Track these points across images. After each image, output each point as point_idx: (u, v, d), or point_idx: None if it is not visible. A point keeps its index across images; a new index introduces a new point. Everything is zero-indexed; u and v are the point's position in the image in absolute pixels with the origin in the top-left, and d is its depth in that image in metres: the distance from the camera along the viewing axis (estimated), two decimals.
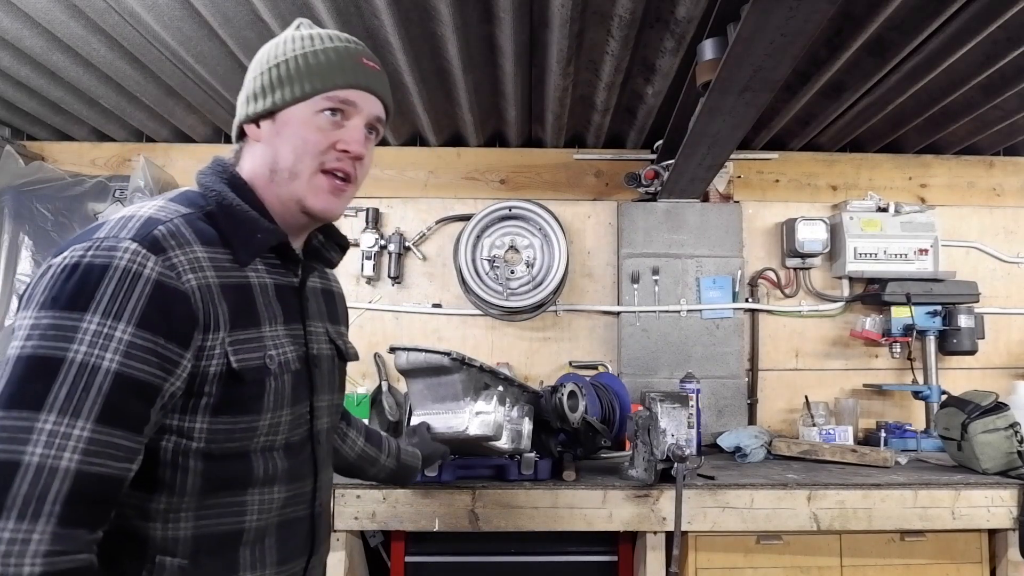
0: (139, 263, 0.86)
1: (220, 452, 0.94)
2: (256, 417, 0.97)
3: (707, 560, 2.10)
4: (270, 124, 1.05)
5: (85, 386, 0.81)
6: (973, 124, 2.81)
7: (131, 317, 0.84)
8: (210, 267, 0.93)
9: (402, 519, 1.99)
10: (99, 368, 0.82)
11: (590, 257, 3.09)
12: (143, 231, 0.89)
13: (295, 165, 1.03)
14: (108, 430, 0.82)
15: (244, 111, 1.08)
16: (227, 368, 0.93)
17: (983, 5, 1.94)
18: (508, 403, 1.88)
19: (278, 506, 1.02)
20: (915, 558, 2.14)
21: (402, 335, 2.99)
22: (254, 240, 1.00)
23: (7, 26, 2.11)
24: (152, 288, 0.86)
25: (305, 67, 1.04)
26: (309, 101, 1.03)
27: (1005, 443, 2.19)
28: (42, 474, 0.77)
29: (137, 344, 0.84)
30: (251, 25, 2.07)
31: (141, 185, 2.65)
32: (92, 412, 0.81)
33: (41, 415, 0.79)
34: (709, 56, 1.92)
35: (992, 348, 3.03)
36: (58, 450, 0.78)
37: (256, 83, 1.07)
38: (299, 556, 1.07)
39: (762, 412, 3.00)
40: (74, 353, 0.81)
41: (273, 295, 1.03)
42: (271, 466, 1.00)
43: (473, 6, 1.98)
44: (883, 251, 2.93)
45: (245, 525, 0.98)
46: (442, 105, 2.70)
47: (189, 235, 0.93)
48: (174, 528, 0.92)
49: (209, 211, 0.99)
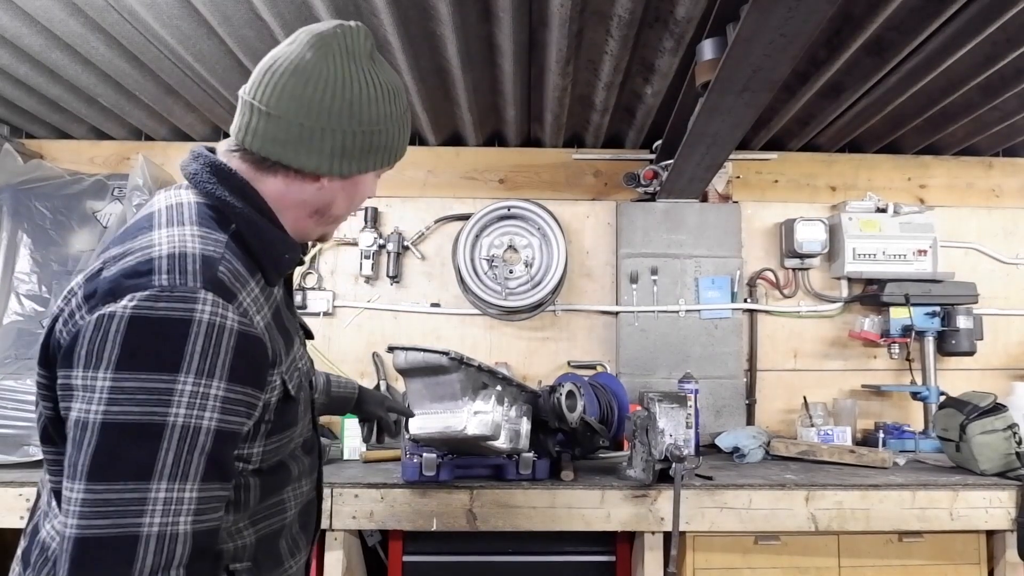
0: (221, 315, 0.84)
1: (268, 466, 0.99)
2: (295, 428, 1.03)
3: (705, 560, 2.10)
4: (339, 179, 1.01)
5: (189, 449, 0.80)
6: (972, 125, 2.81)
7: (223, 373, 0.83)
8: (263, 300, 0.94)
9: (400, 518, 1.99)
10: (200, 429, 0.81)
11: (589, 257, 3.09)
12: (209, 276, 0.85)
13: (345, 214, 1.08)
14: (212, 485, 0.83)
15: (332, 165, 0.98)
16: (284, 394, 0.97)
17: (982, 6, 1.94)
18: (506, 403, 1.88)
19: (304, 496, 1.11)
20: (913, 559, 2.14)
21: (400, 335, 2.99)
22: (283, 261, 1.00)
23: (6, 24, 2.10)
24: (236, 340, 0.85)
25: (396, 137, 1.04)
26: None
27: (1003, 444, 2.19)
28: (164, 544, 0.78)
29: (231, 399, 0.84)
30: (250, 23, 2.07)
31: (140, 184, 2.64)
32: (199, 473, 0.81)
33: (152, 484, 0.78)
34: (708, 56, 1.92)
35: (991, 349, 3.03)
36: (174, 516, 0.79)
37: (351, 139, 0.98)
38: (314, 532, 1.18)
39: (760, 412, 3.00)
40: (174, 417, 0.79)
41: (286, 309, 1.06)
42: (300, 465, 1.08)
43: (472, 5, 1.97)
44: (882, 252, 2.93)
45: (287, 520, 1.06)
46: (441, 104, 2.70)
47: (242, 269, 0.91)
48: (240, 540, 0.97)
49: (236, 231, 0.95)
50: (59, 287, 2.68)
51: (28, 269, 2.69)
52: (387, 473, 2.14)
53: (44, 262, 2.70)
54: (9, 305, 2.65)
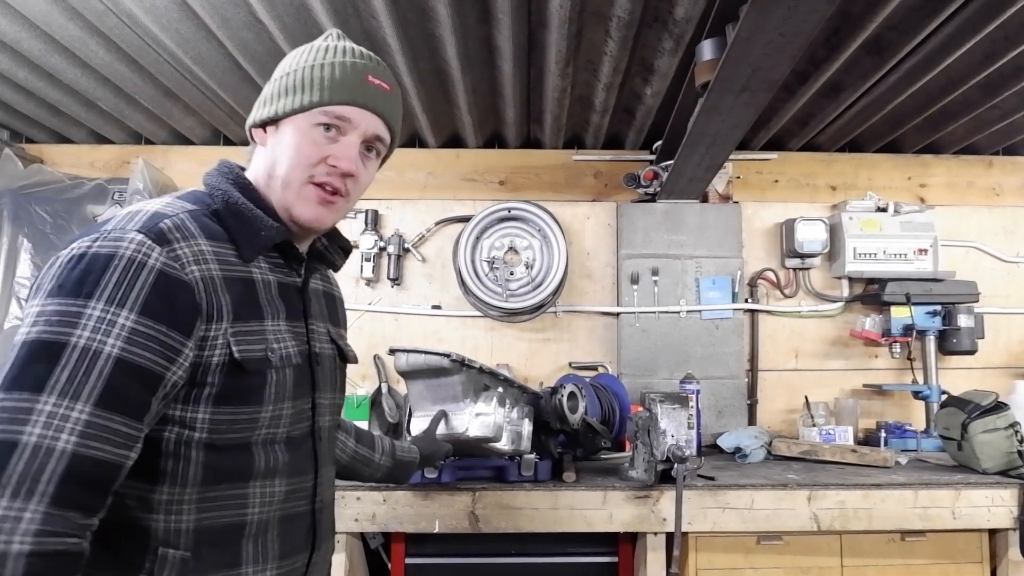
0: (144, 253, 0.88)
1: (222, 443, 0.95)
2: (258, 409, 0.98)
3: (707, 561, 2.10)
4: (273, 131, 1.08)
5: (86, 370, 0.82)
6: (972, 124, 2.81)
7: (134, 305, 0.86)
8: (214, 260, 0.96)
9: (402, 520, 1.99)
10: (100, 353, 0.83)
11: (589, 258, 3.09)
12: (149, 224, 0.91)
13: (287, 174, 1.05)
14: (107, 414, 0.82)
15: (253, 115, 1.11)
16: (229, 358, 0.95)
17: (981, 5, 1.94)
18: (508, 404, 1.87)
19: (279, 500, 1.03)
20: (915, 558, 2.14)
21: (401, 337, 2.99)
22: (258, 237, 1.02)
23: (5, 28, 2.11)
24: (155, 277, 0.88)
25: (309, 80, 1.06)
26: (307, 113, 1.05)
27: (1005, 443, 2.19)
28: (38, 454, 0.77)
29: (139, 331, 0.86)
30: (249, 26, 2.07)
31: (140, 187, 2.65)
32: (92, 395, 0.82)
33: (41, 397, 0.80)
34: (708, 56, 1.92)
35: (992, 348, 3.03)
36: (56, 431, 0.79)
37: (269, 89, 1.10)
38: (300, 552, 1.08)
39: (762, 412, 3.00)
40: (76, 338, 0.83)
41: (276, 292, 1.05)
42: (272, 459, 1.01)
43: (471, 7, 1.97)
44: (882, 251, 2.93)
45: (247, 518, 0.99)
46: (441, 106, 2.70)
47: (194, 229, 0.95)
48: (176, 520, 0.93)
49: (215, 209, 1.02)
50: None
51: (29, 273, 2.69)
52: None
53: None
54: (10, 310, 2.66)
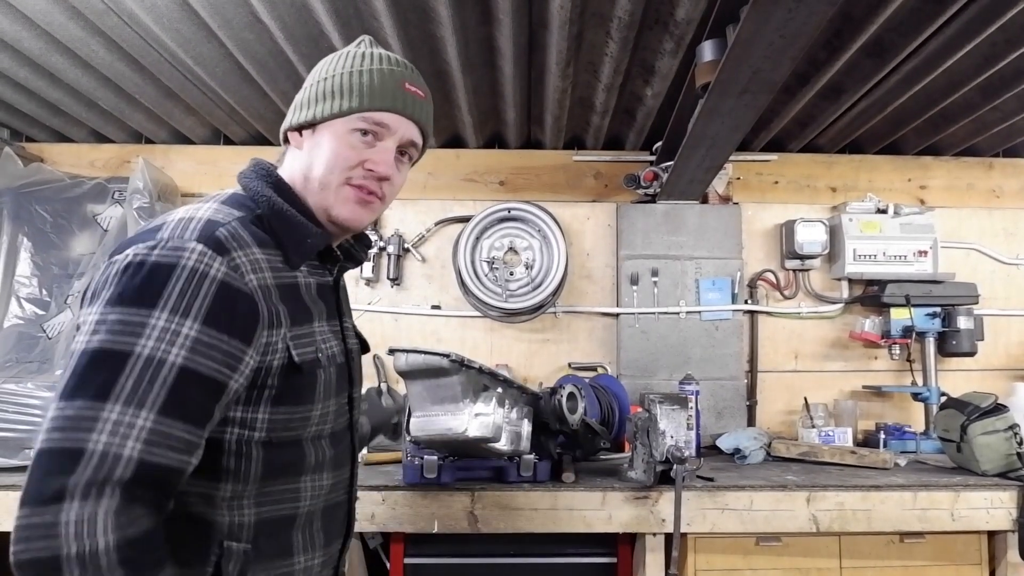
0: (206, 263, 0.90)
1: (279, 440, 1.00)
2: (310, 407, 1.03)
3: (706, 562, 2.10)
4: (310, 135, 1.11)
5: (150, 379, 0.83)
6: (972, 126, 2.81)
7: (197, 315, 0.88)
8: (267, 268, 0.99)
9: (401, 521, 1.99)
10: (165, 362, 0.84)
11: (589, 259, 3.09)
12: (205, 233, 0.93)
13: (325, 176, 1.09)
14: (170, 421, 0.84)
15: (290, 118, 1.14)
16: (289, 361, 0.99)
17: (982, 7, 1.94)
18: (507, 405, 1.87)
19: (325, 492, 1.09)
20: (914, 560, 2.14)
21: (401, 337, 2.99)
22: (304, 244, 1.06)
23: (6, 28, 2.11)
24: (218, 287, 0.90)
25: (348, 86, 1.10)
26: (346, 119, 1.09)
27: (1004, 445, 2.19)
28: (105, 461, 0.79)
29: (203, 340, 0.88)
30: (250, 27, 2.07)
31: (140, 187, 2.64)
32: (156, 404, 0.83)
33: (107, 405, 0.81)
34: (708, 58, 1.92)
35: (991, 350, 3.03)
36: (121, 439, 0.80)
37: (305, 93, 1.13)
38: (338, 539, 1.16)
39: (761, 414, 3.00)
40: (141, 347, 0.84)
41: (316, 294, 1.10)
42: (320, 453, 1.07)
43: (472, 8, 1.98)
44: (882, 253, 2.93)
45: (299, 510, 1.04)
46: (441, 107, 2.70)
47: (248, 238, 0.98)
48: (239, 514, 0.97)
49: (259, 215, 1.04)
50: (59, 291, 2.68)
51: (28, 272, 2.69)
52: (388, 475, 2.13)
53: (44, 265, 2.70)
54: (10, 308, 2.66)
